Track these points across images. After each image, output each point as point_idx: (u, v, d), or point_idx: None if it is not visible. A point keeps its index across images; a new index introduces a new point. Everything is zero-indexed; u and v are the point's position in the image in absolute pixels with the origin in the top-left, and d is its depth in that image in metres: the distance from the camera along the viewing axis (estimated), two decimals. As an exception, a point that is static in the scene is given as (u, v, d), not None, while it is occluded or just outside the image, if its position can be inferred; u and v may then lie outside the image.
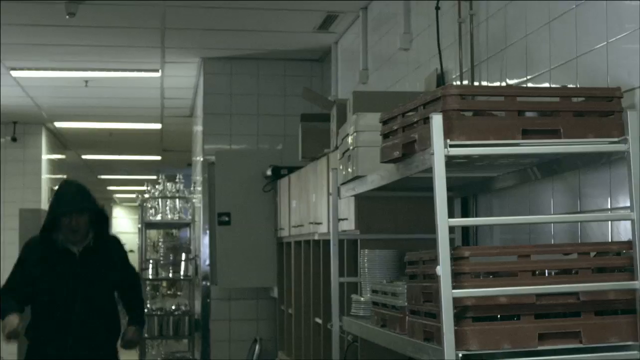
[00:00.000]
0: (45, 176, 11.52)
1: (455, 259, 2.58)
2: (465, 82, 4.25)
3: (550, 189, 3.38)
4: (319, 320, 5.50)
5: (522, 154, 2.77)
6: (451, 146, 2.56)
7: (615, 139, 2.67)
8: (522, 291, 2.57)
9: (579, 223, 3.14)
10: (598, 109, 2.73)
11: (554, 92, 2.88)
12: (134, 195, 10.76)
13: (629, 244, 2.64)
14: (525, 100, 2.73)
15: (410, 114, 2.88)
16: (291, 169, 6.32)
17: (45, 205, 11.47)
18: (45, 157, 11.54)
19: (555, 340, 2.59)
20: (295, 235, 6.06)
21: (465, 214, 4.15)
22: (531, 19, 3.59)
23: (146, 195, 8.72)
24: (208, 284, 7.61)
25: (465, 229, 4.13)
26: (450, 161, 2.61)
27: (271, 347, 7.12)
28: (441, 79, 4.54)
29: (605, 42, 3.00)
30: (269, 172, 6.71)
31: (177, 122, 10.98)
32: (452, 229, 3.98)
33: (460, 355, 2.50)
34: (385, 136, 3.07)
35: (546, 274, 2.70)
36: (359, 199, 4.22)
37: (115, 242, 5.19)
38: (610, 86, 2.89)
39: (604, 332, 2.60)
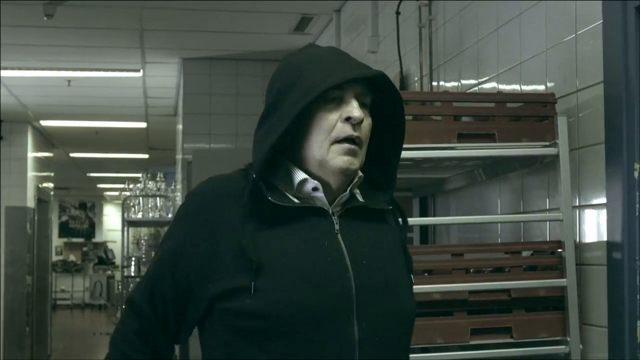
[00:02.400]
0: (31, 174, 11.61)
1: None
2: (425, 85, 4.37)
3: (497, 189, 3.50)
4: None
5: (457, 157, 2.88)
6: (387, 149, 2.66)
7: (547, 143, 2.79)
8: (455, 288, 2.69)
9: (522, 223, 3.26)
10: (532, 113, 2.84)
11: (489, 97, 3.00)
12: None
13: (559, 244, 2.75)
14: (462, 105, 2.85)
15: (355, 117, 2.99)
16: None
17: (31, 203, 11.58)
18: (32, 155, 11.63)
19: (487, 336, 2.71)
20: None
21: (423, 213, 4.27)
22: (482, 25, 3.71)
23: (127, 194, 8.83)
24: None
25: (424, 228, 4.25)
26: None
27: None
28: (403, 82, 4.66)
29: (544, 50, 3.12)
30: (244, 172, 6.80)
31: (162, 120, 11.08)
32: (410, 228, 4.16)
33: (394, 349, 2.62)
34: (334, 139, 3.19)
35: (484, 272, 2.82)
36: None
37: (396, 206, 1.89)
38: (549, 91, 3.01)
39: (534, 328, 2.72)
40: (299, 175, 1.76)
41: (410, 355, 2.65)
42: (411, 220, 3.99)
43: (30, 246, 11.53)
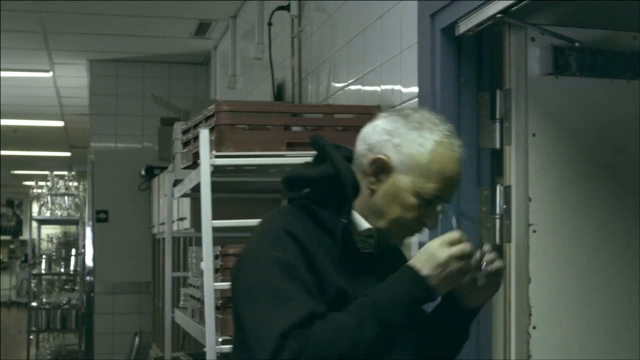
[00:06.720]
0: (-53, 172, 11.62)
1: (223, 255, 2.92)
2: (296, 92, 4.61)
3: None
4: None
5: (285, 164, 3.12)
6: (217, 157, 2.90)
7: (369, 151, 3.03)
8: (280, 284, 2.92)
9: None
10: (358, 124, 3.08)
11: (318, 109, 3.25)
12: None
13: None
14: (297, 114, 3.09)
15: (201, 125, 3.22)
16: (164, 169, 6.61)
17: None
18: (-52, 153, 11.64)
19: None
20: (163, 233, 6.37)
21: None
22: (338, 39, 3.96)
23: (35, 191, 8.95)
24: (92, 278, 7.86)
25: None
26: (218, 169, 2.95)
27: (150, 339, 7.41)
28: (279, 90, 4.91)
29: (380, 64, 3.37)
30: (143, 172, 7.00)
31: (78, 119, 11.14)
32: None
33: (220, 340, 2.86)
34: (186, 144, 3.41)
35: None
36: (194, 200, 4.54)
37: None
38: (382, 103, 3.26)
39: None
40: (364, 224, 1.89)
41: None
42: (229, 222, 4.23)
43: (-54, 244, 11.53)
